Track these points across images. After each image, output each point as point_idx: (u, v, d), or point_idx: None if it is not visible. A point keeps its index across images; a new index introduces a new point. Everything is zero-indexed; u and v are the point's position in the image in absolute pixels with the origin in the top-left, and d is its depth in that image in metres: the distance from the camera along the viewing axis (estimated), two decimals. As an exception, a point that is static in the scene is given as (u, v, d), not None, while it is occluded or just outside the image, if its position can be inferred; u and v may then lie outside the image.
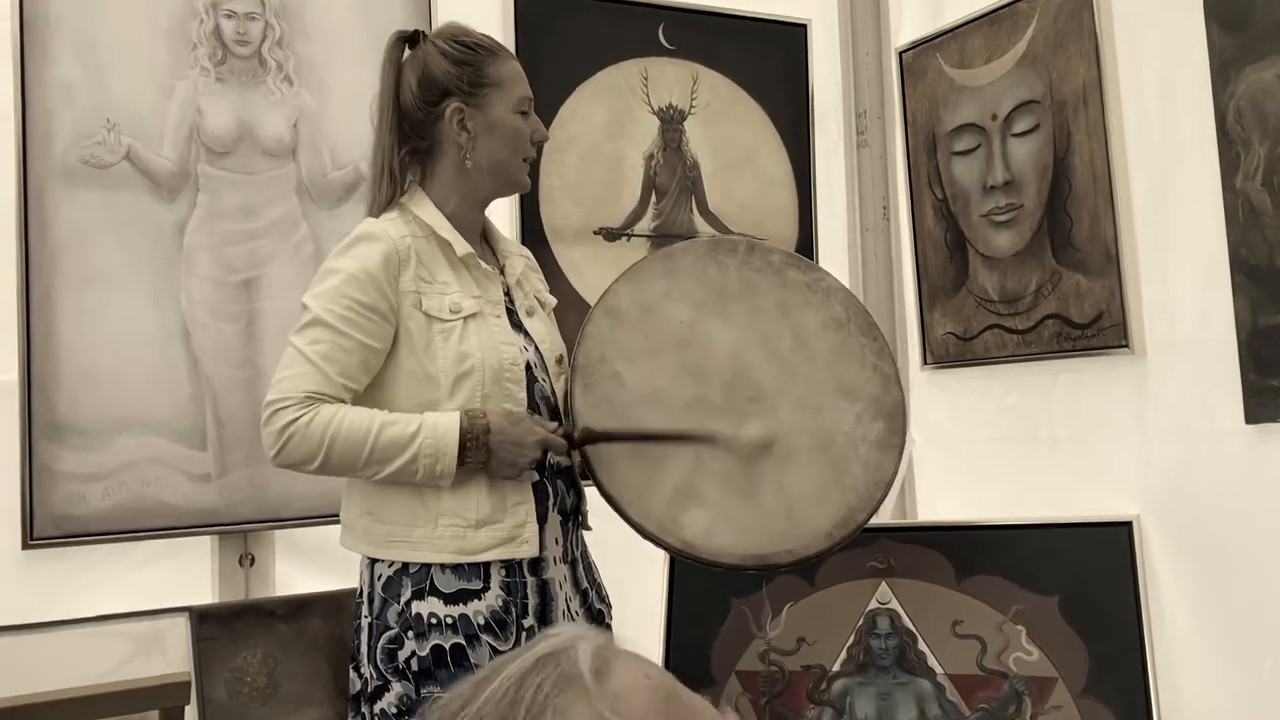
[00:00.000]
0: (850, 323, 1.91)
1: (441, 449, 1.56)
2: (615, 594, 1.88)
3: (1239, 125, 1.99)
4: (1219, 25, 2.01)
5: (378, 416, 1.58)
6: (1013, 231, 2.49)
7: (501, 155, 1.71)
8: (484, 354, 1.63)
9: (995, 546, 2.27)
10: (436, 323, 1.63)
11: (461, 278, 1.68)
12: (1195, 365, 2.11)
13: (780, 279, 1.91)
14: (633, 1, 2.64)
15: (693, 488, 1.76)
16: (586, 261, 2.54)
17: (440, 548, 1.60)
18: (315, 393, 1.57)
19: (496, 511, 1.62)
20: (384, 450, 1.56)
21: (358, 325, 1.59)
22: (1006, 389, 2.56)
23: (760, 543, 1.76)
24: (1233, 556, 2.05)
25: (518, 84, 1.72)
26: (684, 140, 2.70)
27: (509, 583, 1.62)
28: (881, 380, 1.89)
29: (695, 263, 1.89)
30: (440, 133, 1.70)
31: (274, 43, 2.20)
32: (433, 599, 1.59)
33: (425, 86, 1.68)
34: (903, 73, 2.78)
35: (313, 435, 1.55)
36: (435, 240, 1.67)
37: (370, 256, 1.61)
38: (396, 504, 1.62)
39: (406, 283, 1.62)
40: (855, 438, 1.85)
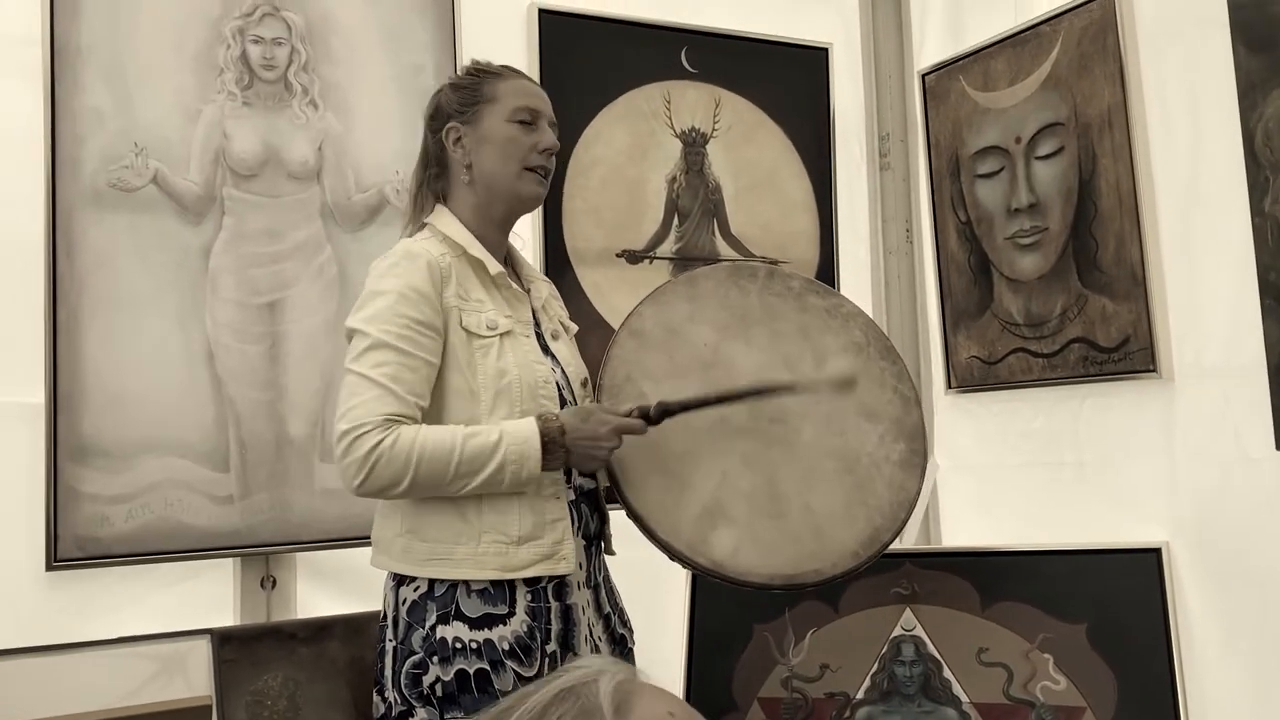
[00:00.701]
0: (869, 346, 1.94)
1: (526, 453, 1.58)
2: (636, 619, 1.87)
3: (1267, 148, 1.97)
4: (1246, 46, 2.00)
5: (459, 431, 1.58)
6: (1038, 254, 2.47)
7: (495, 165, 1.72)
8: (520, 370, 1.65)
9: (1021, 573, 2.25)
10: (476, 339, 1.64)
11: (494, 297, 1.70)
12: (1224, 390, 2.09)
13: (800, 304, 1.94)
14: (655, 25, 2.65)
15: (720, 507, 1.76)
16: (609, 284, 2.54)
17: (484, 564, 1.60)
18: (392, 415, 1.56)
19: (537, 528, 1.63)
20: (470, 463, 1.56)
21: (417, 343, 1.60)
22: (1032, 413, 2.54)
23: (788, 562, 1.76)
24: (1264, 584, 2.02)
25: (515, 96, 1.74)
26: (706, 163, 2.71)
27: (534, 607, 1.62)
28: (902, 402, 1.91)
29: (717, 287, 1.92)
30: (447, 157, 1.76)
31: (300, 67, 2.22)
32: (458, 623, 1.58)
33: (433, 118, 1.77)
34: (925, 95, 2.78)
35: (399, 457, 1.54)
36: (467, 259, 1.70)
37: (416, 273, 1.63)
38: (439, 522, 1.62)
39: (449, 299, 1.64)
40: (879, 458, 1.86)
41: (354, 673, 2.03)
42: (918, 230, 2.87)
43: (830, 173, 2.84)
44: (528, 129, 1.74)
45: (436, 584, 1.61)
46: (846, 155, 2.89)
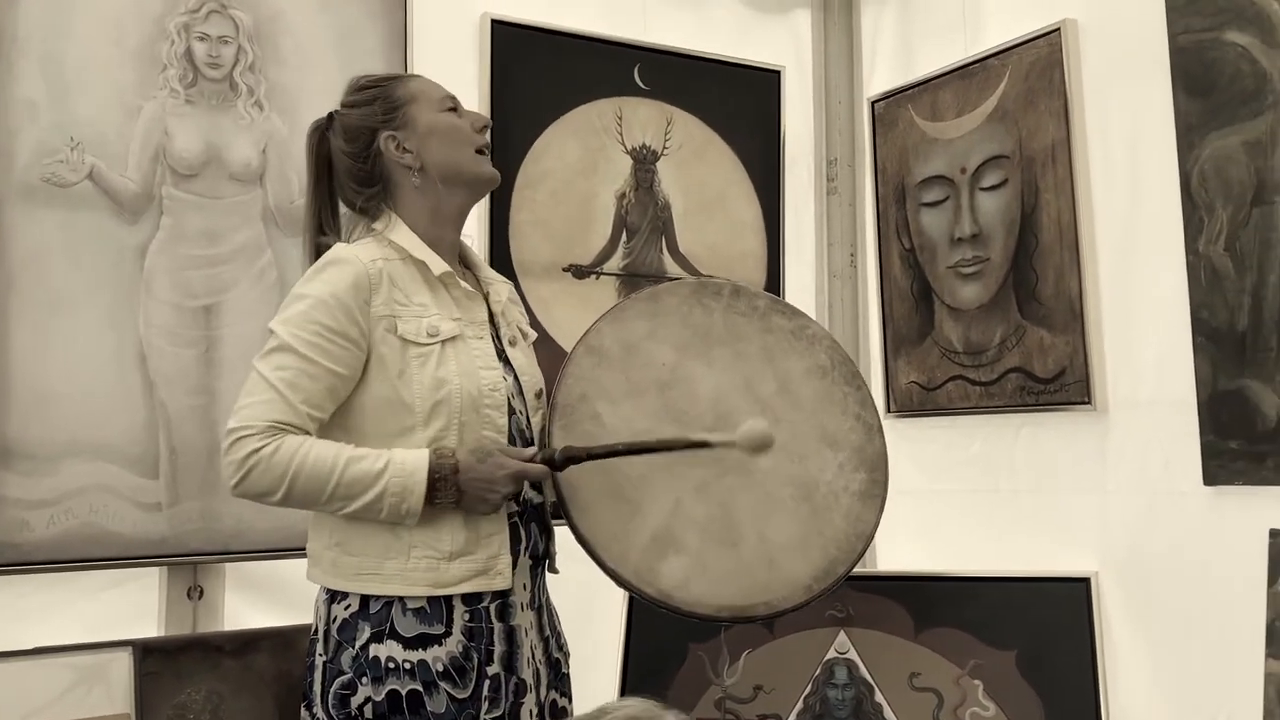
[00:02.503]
0: (834, 370, 1.88)
1: (409, 487, 1.53)
2: (571, 636, 1.85)
3: (1203, 189, 2.02)
4: (1185, 91, 2.05)
5: (344, 451, 1.54)
6: (979, 284, 2.51)
7: (448, 152, 1.69)
8: (462, 380, 1.60)
9: (954, 598, 2.27)
10: (412, 347, 1.59)
11: (440, 299, 1.65)
12: (1156, 424, 2.13)
13: (765, 324, 1.88)
14: (609, 41, 2.64)
15: (671, 535, 1.71)
16: (555, 298, 2.53)
17: (413, 580, 1.56)
18: (279, 422, 1.53)
19: (470, 543, 1.59)
20: (349, 486, 1.52)
21: (325, 352, 1.56)
22: (969, 440, 2.57)
23: (738, 594, 1.72)
24: (1188, 616, 2.06)
25: (430, 90, 1.72)
26: (656, 180, 2.71)
27: (472, 628, 1.58)
28: (865, 430, 1.86)
29: (680, 304, 1.86)
30: (385, 168, 1.69)
31: (246, 67, 2.18)
32: (392, 642, 1.54)
33: (352, 139, 1.69)
34: (874, 122, 2.81)
35: (276, 467, 1.51)
36: (411, 262, 1.65)
37: (339, 281, 1.58)
38: (367, 535, 1.58)
39: (379, 307, 1.59)
40: (837, 488, 1.81)
41: (281, 687, 1.99)
42: (862, 255, 2.90)
43: (779, 195, 2.86)
44: (456, 115, 1.73)
45: (371, 601, 1.57)
46: (795, 178, 2.91)
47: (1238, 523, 1.96)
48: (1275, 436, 1.90)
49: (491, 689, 1.57)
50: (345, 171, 1.70)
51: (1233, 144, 1.98)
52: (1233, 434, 1.96)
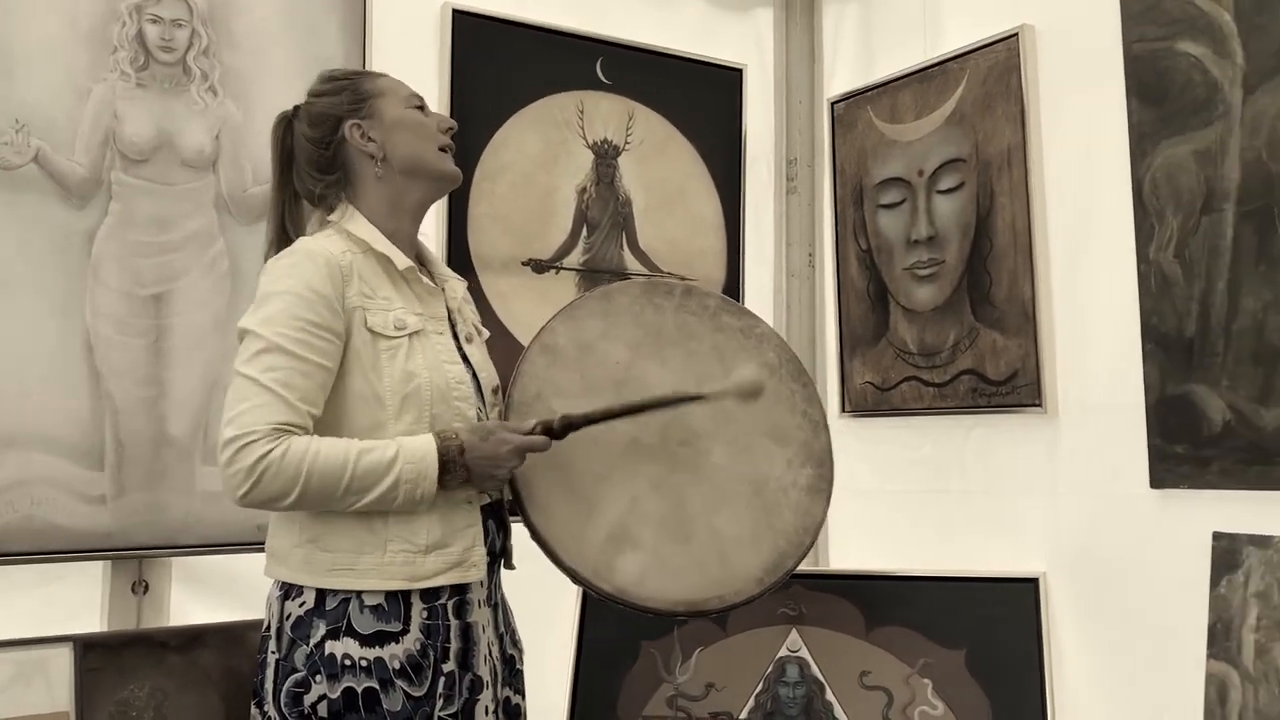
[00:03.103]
0: (782, 368, 1.93)
1: (422, 472, 1.52)
2: (525, 631, 1.85)
3: (1155, 197, 2.05)
4: (1139, 99, 2.08)
5: (353, 445, 1.52)
6: (934, 286, 2.53)
7: (413, 147, 1.69)
8: (430, 373, 1.60)
9: (905, 598, 2.29)
10: (382, 340, 1.58)
11: (403, 293, 1.64)
12: (1105, 428, 2.16)
13: (715, 323, 1.92)
14: (572, 34, 2.63)
15: (627, 531, 1.74)
16: (514, 292, 2.51)
17: (390, 574, 1.55)
18: (282, 424, 1.49)
19: (446, 536, 1.58)
20: (363, 479, 1.51)
21: (314, 347, 1.53)
22: (922, 440, 2.59)
23: (692, 589, 1.75)
24: (1134, 618, 2.10)
25: (398, 87, 1.74)
26: (617, 176, 2.70)
27: (429, 625, 1.57)
28: (811, 426, 1.91)
29: (632, 304, 1.89)
30: (348, 157, 1.68)
31: (200, 51, 2.14)
32: (349, 639, 1.53)
33: (317, 124, 1.68)
34: (834, 123, 2.83)
35: (288, 469, 1.47)
36: (373, 255, 1.64)
37: (314, 273, 1.56)
38: (342, 531, 1.56)
39: (352, 298, 1.58)
40: (786, 483, 1.86)
41: (228, 684, 1.96)
42: (820, 255, 2.92)
43: (739, 193, 2.87)
44: (425, 113, 1.74)
45: (327, 597, 1.55)
46: (755, 177, 2.92)
47: (1183, 525, 1.99)
48: (1220, 441, 1.94)
49: (447, 686, 1.56)
50: (306, 159, 1.69)
51: (1184, 152, 2.01)
52: (1179, 438, 2.00)
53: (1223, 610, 1.91)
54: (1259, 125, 1.90)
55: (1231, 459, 1.92)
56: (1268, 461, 1.86)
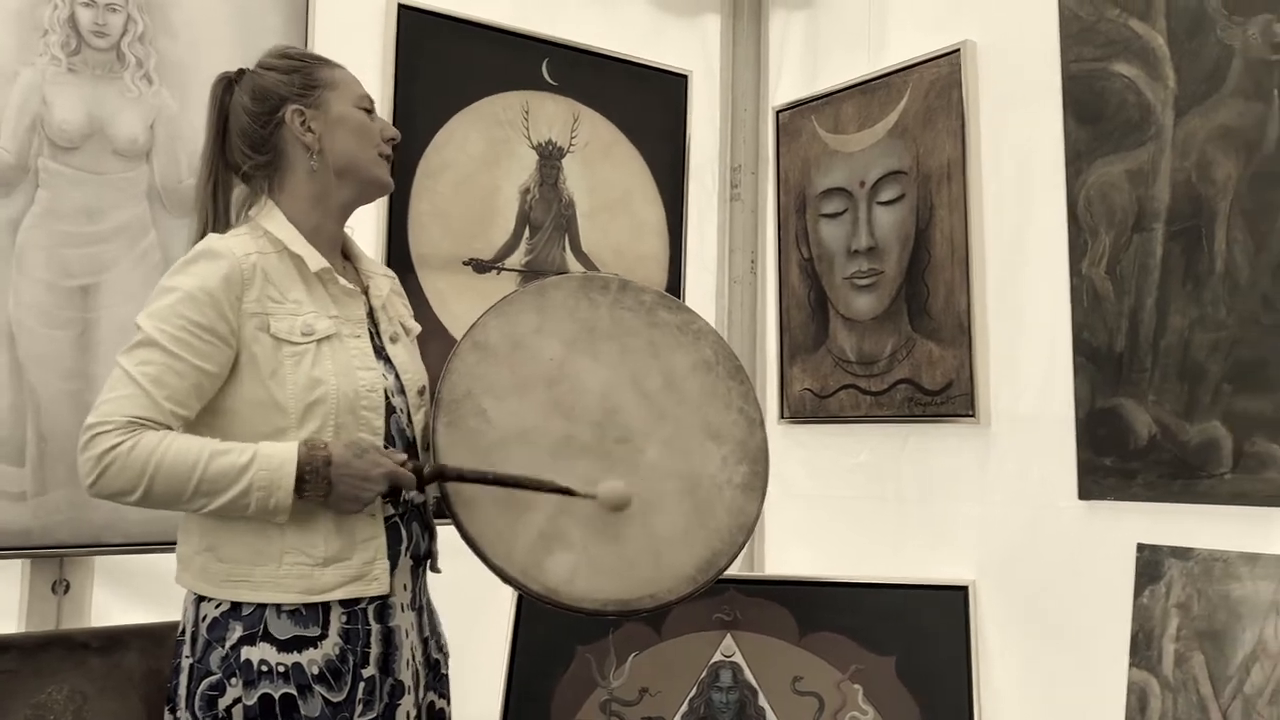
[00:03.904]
0: (719, 365, 1.93)
1: (276, 482, 1.48)
2: (458, 634, 1.83)
3: (1088, 214, 2.10)
4: (1075, 117, 2.12)
5: (208, 445, 1.48)
6: (873, 296, 2.56)
7: (351, 148, 1.65)
8: (338, 380, 1.56)
9: (837, 604, 2.31)
10: (286, 346, 1.54)
11: (316, 296, 1.60)
12: (1035, 439, 2.20)
13: (651, 319, 1.91)
14: (518, 33, 2.61)
15: (558, 531, 1.72)
16: (454, 292, 2.49)
17: (285, 587, 1.52)
18: (140, 418, 1.47)
19: (345, 549, 1.55)
20: (212, 482, 1.47)
21: (192, 348, 1.50)
22: (859, 448, 2.62)
23: (624, 588, 1.74)
24: (1059, 626, 2.14)
25: (352, 84, 1.70)
26: (561, 177, 2.69)
27: (349, 630, 1.55)
28: (747, 423, 1.91)
29: (567, 299, 1.87)
30: (283, 141, 1.64)
31: (135, 38, 2.09)
32: (265, 645, 1.50)
33: (259, 99, 1.64)
34: (778, 132, 2.84)
35: (134, 464, 1.45)
36: (287, 256, 1.60)
37: (210, 275, 1.52)
38: (237, 540, 1.53)
39: (251, 304, 1.54)
40: (721, 481, 1.85)
41: (150, 686, 1.91)
42: (762, 263, 2.93)
43: (683, 198, 2.87)
44: (371, 117, 1.70)
45: (244, 602, 1.52)
46: (699, 183, 2.93)
47: (1108, 536, 2.04)
48: (1146, 454, 1.98)
49: (367, 691, 1.54)
50: (240, 130, 1.65)
51: (1117, 171, 2.05)
52: (1107, 451, 2.04)
53: (1145, 620, 1.95)
54: (1189, 148, 1.95)
55: (1156, 472, 1.96)
56: (1191, 476, 1.91)
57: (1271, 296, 1.82)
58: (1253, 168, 1.86)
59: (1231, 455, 1.86)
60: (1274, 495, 1.81)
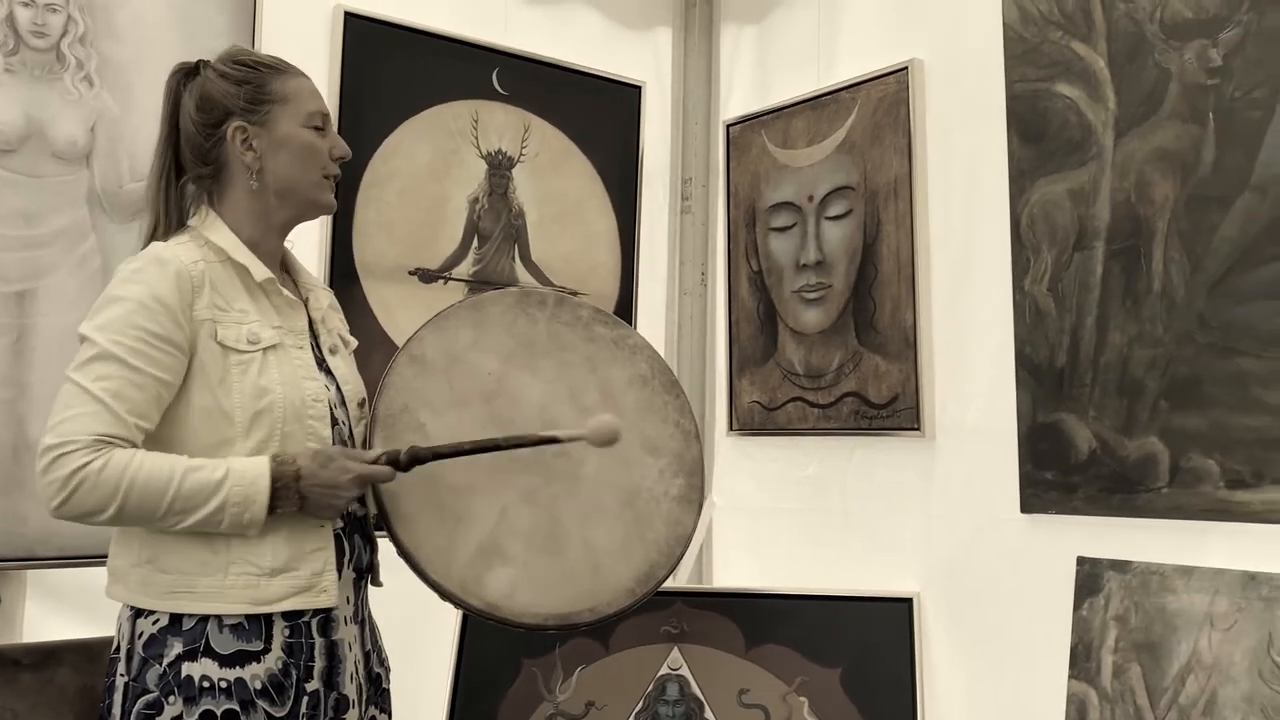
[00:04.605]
0: (654, 379, 1.95)
1: (251, 497, 1.46)
2: (403, 648, 1.81)
3: (1031, 232, 2.13)
4: (1019, 137, 2.16)
5: (180, 462, 1.46)
6: (821, 310, 2.58)
7: (293, 172, 1.62)
8: (285, 389, 1.54)
9: (784, 616, 2.32)
10: (233, 354, 1.52)
11: (261, 306, 1.58)
12: (979, 453, 2.23)
13: (588, 334, 1.92)
14: (468, 43, 2.60)
15: (497, 545, 1.72)
16: (399, 302, 2.47)
17: (231, 598, 1.49)
18: (106, 435, 1.43)
19: (294, 559, 1.53)
20: (187, 499, 1.44)
21: (150, 358, 1.47)
22: (806, 460, 2.64)
23: (563, 602, 1.74)
24: (1002, 637, 2.17)
25: (306, 99, 1.64)
26: (511, 187, 2.68)
27: (292, 643, 1.52)
28: (683, 437, 1.93)
29: (504, 313, 1.87)
30: (225, 155, 1.60)
31: (76, 39, 2.05)
32: (207, 660, 1.47)
33: (204, 109, 1.60)
34: (729, 145, 2.86)
35: (106, 483, 1.41)
36: (231, 265, 1.57)
37: (161, 282, 1.49)
38: (181, 551, 1.50)
39: (201, 310, 1.51)
40: (658, 493, 1.87)
41: (84, 704, 1.86)
42: (713, 275, 2.95)
43: (635, 210, 2.88)
44: (320, 135, 1.65)
45: (184, 617, 1.49)
46: (651, 194, 2.93)
47: (1049, 549, 2.07)
48: (1086, 469, 2.02)
49: (310, 706, 1.52)
50: (186, 137, 1.61)
51: (1059, 190, 2.09)
52: (1048, 465, 2.07)
53: (1084, 632, 1.98)
54: (1128, 168, 1.99)
55: (1096, 486, 2.00)
56: (1129, 490, 1.95)
57: (1207, 316, 1.87)
58: (1189, 189, 1.90)
59: (1168, 470, 1.90)
60: (1208, 509, 1.85)
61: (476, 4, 2.65)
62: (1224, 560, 1.83)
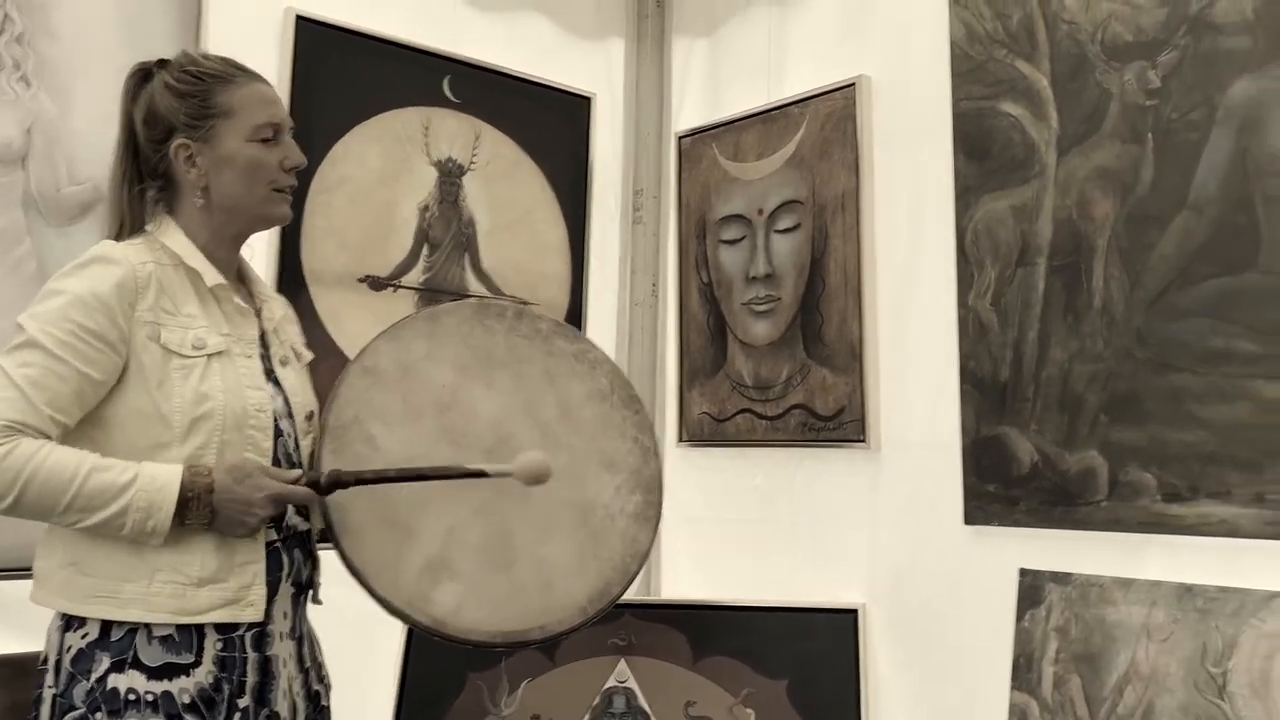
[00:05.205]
0: (614, 394, 1.91)
1: (156, 504, 1.42)
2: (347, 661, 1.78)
3: (975, 247, 2.16)
4: (964, 153, 2.19)
5: (88, 459, 1.42)
6: (769, 322, 2.59)
7: (238, 190, 1.58)
8: (226, 397, 1.51)
9: (731, 628, 2.32)
10: (175, 358, 1.49)
11: (210, 312, 1.55)
12: (924, 465, 2.25)
13: (548, 347, 1.89)
14: (420, 50, 2.59)
15: (446, 560, 1.68)
16: (348, 309, 2.44)
17: (155, 606, 1.45)
18: (16, 422, 1.40)
19: (222, 570, 1.49)
20: (89, 498, 1.41)
21: (78, 352, 1.44)
22: (754, 471, 2.64)
23: (513, 618, 1.70)
24: (946, 650, 2.18)
25: (254, 109, 1.59)
26: (462, 195, 2.66)
27: (225, 657, 1.49)
28: (642, 453, 1.90)
29: (461, 325, 1.84)
30: (173, 171, 1.57)
31: (12, 38, 2.00)
32: (135, 672, 1.43)
33: (150, 124, 1.57)
34: (680, 157, 2.87)
35: (6, 471, 1.38)
36: (183, 270, 1.54)
37: (103, 280, 1.46)
38: (106, 555, 1.46)
39: (144, 312, 1.48)
40: (614, 510, 1.83)
41: (12, 720, 1.81)
42: (663, 286, 2.95)
43: (585, 220, 2.87)
44: (270, 146, 1.60)
45: (113, 628, 1.45)
46: (602, 204, 2.93)
47: (992, 561, 2.09)
48: (1028, 482, 2.04)
49: (253, 725, 1.48)
50: (139, 146, 1.58)
51: (1003, 207, 2.12)
52: (991, 477, 2.10)
53: (1026, 643, 2.01)
54: (1070, 185, 2.02)
55: (1038, 499, 2.03)
56: (1069, 503, 1.98)
57: (1145, 332, 1.90)
58: (1128, 207, 1.94)
59: (1107, 483, 1.93)
60: (1146, 522, 1.88)
61: (429, 11, 2.64)
62: (1161, 572, 1.86)
